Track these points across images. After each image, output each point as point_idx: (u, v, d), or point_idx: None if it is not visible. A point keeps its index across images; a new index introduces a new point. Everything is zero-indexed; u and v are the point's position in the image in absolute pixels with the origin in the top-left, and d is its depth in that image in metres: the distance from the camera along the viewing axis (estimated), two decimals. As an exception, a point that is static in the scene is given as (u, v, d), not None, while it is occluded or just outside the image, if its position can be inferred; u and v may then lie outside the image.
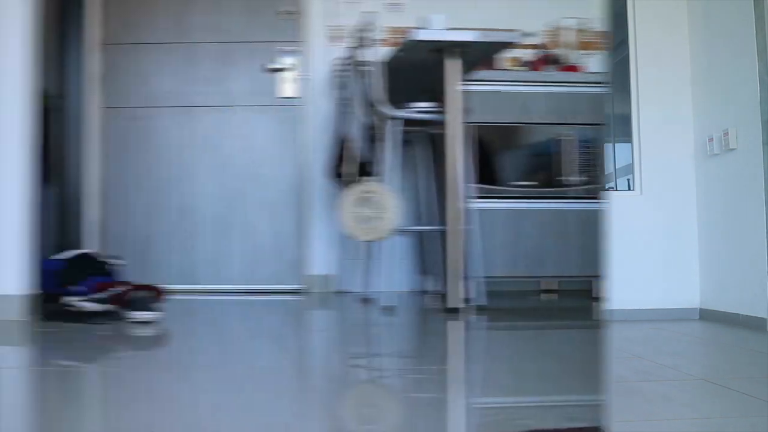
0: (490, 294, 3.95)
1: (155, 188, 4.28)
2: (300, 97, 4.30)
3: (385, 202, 3.00)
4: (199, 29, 4.32)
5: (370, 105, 3.37)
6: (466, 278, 3.07)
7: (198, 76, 4.32)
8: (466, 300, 3.08)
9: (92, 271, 3.39)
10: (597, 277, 3.73)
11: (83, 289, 3.30)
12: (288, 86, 4.30)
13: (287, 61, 4.30)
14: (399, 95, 3.77)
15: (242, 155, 4.31)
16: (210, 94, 4.33)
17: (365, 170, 3.31)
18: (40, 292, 3.00)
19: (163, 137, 4.30)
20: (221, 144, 4.32)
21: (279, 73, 4.31)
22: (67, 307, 2.85)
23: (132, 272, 4.11)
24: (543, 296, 3.98)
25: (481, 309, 3.20)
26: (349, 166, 3.27)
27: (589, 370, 1.91)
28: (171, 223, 4.25)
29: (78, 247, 4.09)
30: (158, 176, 4.28)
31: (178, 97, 4.32)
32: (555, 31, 4.21)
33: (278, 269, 4.24)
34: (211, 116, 4.32)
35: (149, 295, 2.84)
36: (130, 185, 4.28)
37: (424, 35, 2.95)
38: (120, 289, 2.95)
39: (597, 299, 3.83)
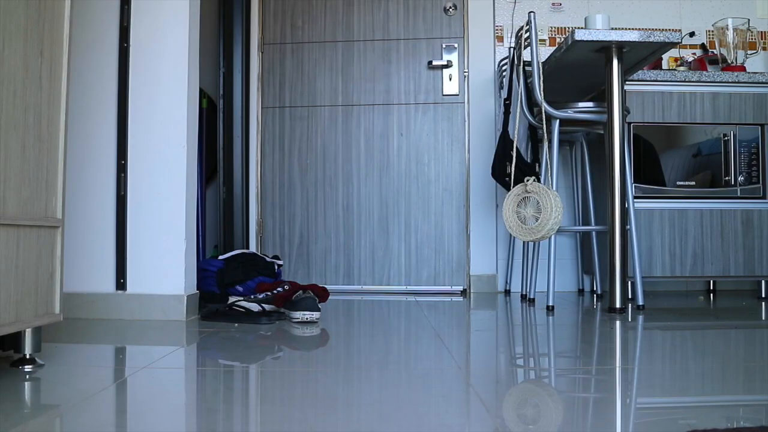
0: (651, 294, 3.91)
1: (314, 187, 4.29)
2: (458, 94, 4.28)
3: (548, 203, 3.01)
4: (360, 27, 4.35)
5: (532, 105, 3.40)
6: (627, 278, 3.05)
7: (358, 74, 4.34)
8: (628, 300, 3.06)
9: (254, 271, 3.46)
10: (764, 277, 3.67)
11: (244, 290, 3.37)
12: (450, 83, 4.28)
13: (449, 57, 4.28)
14: (558, 95, 3.79)
15: (403, 153, 4.30)
16: (370, 92, 4.33)
17: (528, 170, 3.34)
18: (201, 291, 3.04)
19: (322, 136, 4.32)
20: (381, 142, 4.31)
21: (442, 70, 4.30)
22: (228, 307, 2.86)
23: (292, 272, 4.29)
24: (704, 296, 3.87)
25: (642, 309, 3.17)
26: (513, 166, 3.30)
27: (756, 370, 1.88)
28: (330, 223, 4.26)
29: (245, 247, 4.25)
30: (318, 176, 4.29)
31: (338, 95, 4.34)
32: (717, 31, 4.11)
33: (440, 269, 4.23)
34: (372, 114, 4.32)
35: (312, 296, 2.81)
36: (290, 184, 4.30)
37: (587, 35, 2.95)
38: (280, 288, 2.97)
39: (764, 299, 3.73)
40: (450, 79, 4.29)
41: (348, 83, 4.35)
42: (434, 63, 4.29)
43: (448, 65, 4.29)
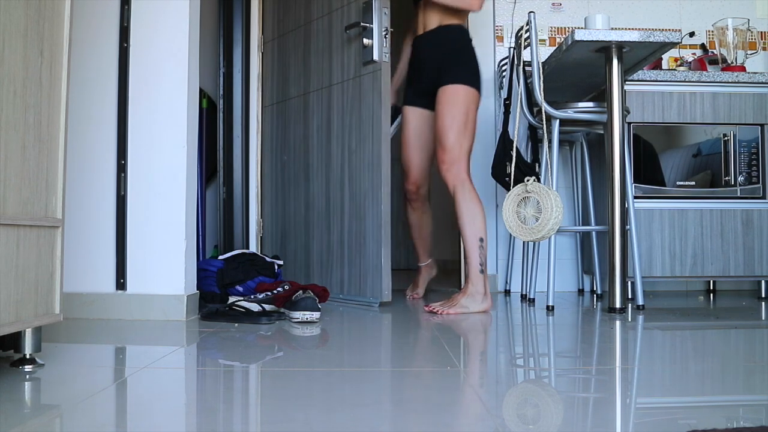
0: (651, 294, 3.91)
1: (288, 184, 4.04)
2: (376, 61, 3.32)
3: (548, 203, 3.01)
4: (314, 3, 3.84)
5: (532, 105, 3.40)
6: (627, 278, 3.05)
7: (314, 57, 3.83)
8: (628, 300, 3.06)
9: (254, 271, 3.45)
10: (764, 277, 3.68)
11: (244, 290, 3.36)
12: (367, 50, 3.37)
13: (366, 17, 3.38)
14: (558, 95, 3.80)
15: (339, 140, 3.62)
16: (318, 74, 3.78)
17: (528, 170, 3.34)
18: (201, 291, 3.03)
19: (293, 129, 3.99)
20: (326, 129, 3.71)
21: (361, 35, 3.41)
22: (228, 307, 2.85)
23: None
24: (704, 296, 3.88)
25: (642, 309, 3.17)
26: (513, 166, 3.29)
27: (756, 370, 1.88)
28: (299, 222, 3.92)
29: (245, 247, 4.23)
30: (290, 172, 4.02)
31: (300, 84, 3.93)
32: (717, 32, 4.11)
33: (354, 275, 3.52)
34: (320, 98, 3.76)
35: (312, 296, 2.79)
36: (276, 182, 4.16)
37: (587, 35, 2.94)
38: (280, 288, 2.96)
39: (764, 299, 3.73)
40: (366, 46, 3.37)
41: (307, 69, 3.88)
42: (349, 27, 3.48)
43: (365, 27, 3.40)
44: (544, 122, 3.22)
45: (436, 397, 1.58)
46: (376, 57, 3.33)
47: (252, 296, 3.03)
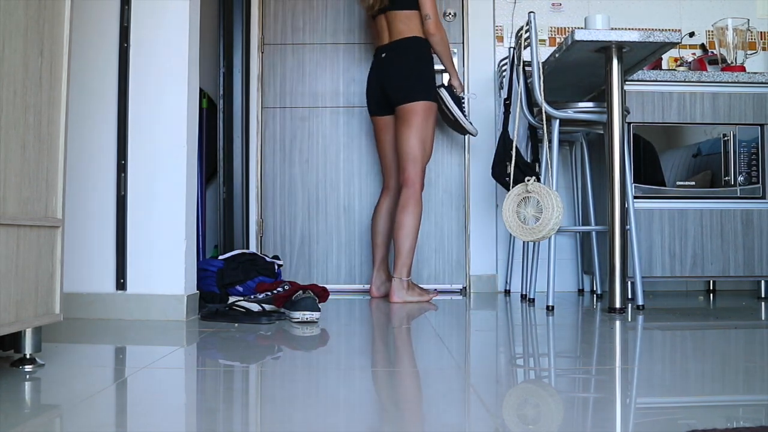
0: (651, 294, 3.91)
1: (315, 188, 4.29)
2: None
3: (549, 203, 3.01)
4: (362, 32, 4.33)
5: (532, 105, 3.40)
6: (627, 278, 3.05)
7: (360, 76, 4.30)
8: (628, 300, 3.06)
9: (254, 271, 3.45)
10: (764, 277, 3.69)
11: (244, 290, 3.36)
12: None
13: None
14: (558, 95, 3.79)
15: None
16: None
17: (529, 170, 3.34)
18: (201, 291, 3.03)
19: (323, 137, 4.32)
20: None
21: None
22: (228, 307, 2.86)
23: (294, 272, 4.28)
24: (704, 296, 3.88)
25: (642, 309, 3.17)
26: (513, 166, 3.30)
27: (756, 370, 1.88)
28: (331, 223, 4.27)
29: (245, 247, 4.23)
30: (319, 176, 4.29)
31: (339, 97, 4.34)
32: (717, 32, 4.11)
33: (440, 269, 4.24)
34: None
35: (312, 296, 2.79)
36: (291, 185, 4.30)
37: (587, 35, 2.95)
38: (280, 288, 2.97)
39: (764, 299, 3.73)
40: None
41: (350, 86, 4.35)
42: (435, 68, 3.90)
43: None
44: (544, 122, 3.22)
45: (436, 396, 1.58)
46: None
47: (252, 296, 3.03)
